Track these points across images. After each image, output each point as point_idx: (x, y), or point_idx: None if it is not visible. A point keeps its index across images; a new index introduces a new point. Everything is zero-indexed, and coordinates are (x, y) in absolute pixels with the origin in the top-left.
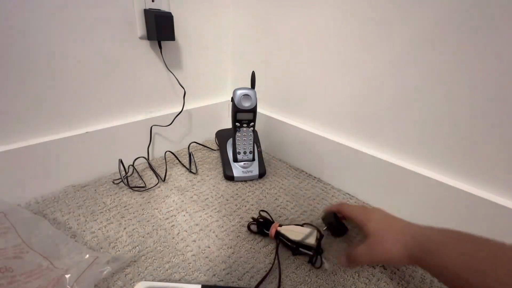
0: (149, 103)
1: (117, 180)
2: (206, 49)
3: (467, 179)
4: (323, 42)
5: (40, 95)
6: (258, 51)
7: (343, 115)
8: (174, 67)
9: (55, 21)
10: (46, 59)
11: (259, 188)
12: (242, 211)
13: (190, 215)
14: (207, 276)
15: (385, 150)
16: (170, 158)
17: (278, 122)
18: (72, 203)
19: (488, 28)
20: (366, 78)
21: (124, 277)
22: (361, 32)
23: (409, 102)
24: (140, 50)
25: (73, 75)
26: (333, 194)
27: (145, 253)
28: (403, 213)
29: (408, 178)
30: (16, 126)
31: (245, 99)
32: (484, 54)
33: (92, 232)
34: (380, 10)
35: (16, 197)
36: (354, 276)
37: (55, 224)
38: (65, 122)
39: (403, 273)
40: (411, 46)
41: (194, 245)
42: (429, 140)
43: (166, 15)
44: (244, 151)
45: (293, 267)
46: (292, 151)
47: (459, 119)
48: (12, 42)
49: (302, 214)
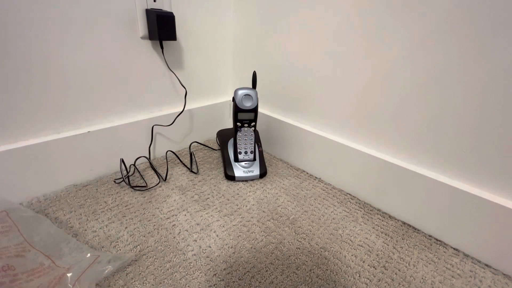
0: (151, 103)
1: (119, 179)
2: (207, 49)
3: (468, 179)
4: (324, 42)
5: (42, 95)
6: (260, 51)
7: (345, 115)
8: (175, 67)
9: (57, 21)
10: (48, 58)
11: (260, 188)
12: (243, 211)
13: (191, 215)
14: (208, 275)
15: (386, 150)
16: (171, 158)
17: (279, 122)
18: (74, 202)
19: (491, 28)
20: (367, 78)
21: (125, 276)
22: (362, 32)
23: (409, 102)
24: (142, 50)
25: (75, 75)
26: (334, 194)
27: (146, 252)
28: (404, 213)
29: (409, 179)
30: (18, 126)
31: (246, 99)
32: (485, 54)
33: (93, 231)
34: (381, 11)
35: (18, 196)
36: (355, 276)
37: (57, 223)
38: (67, 122)
39: (404, 273)
40: (411, 47)
41: (195, 245)
42: (430, 141)
43: (167, 15)
44: (245, 151)
45: (294, 267)
46: (293, 151)
47: (460, 119)
48: (13, 42)
49: (303, 214)
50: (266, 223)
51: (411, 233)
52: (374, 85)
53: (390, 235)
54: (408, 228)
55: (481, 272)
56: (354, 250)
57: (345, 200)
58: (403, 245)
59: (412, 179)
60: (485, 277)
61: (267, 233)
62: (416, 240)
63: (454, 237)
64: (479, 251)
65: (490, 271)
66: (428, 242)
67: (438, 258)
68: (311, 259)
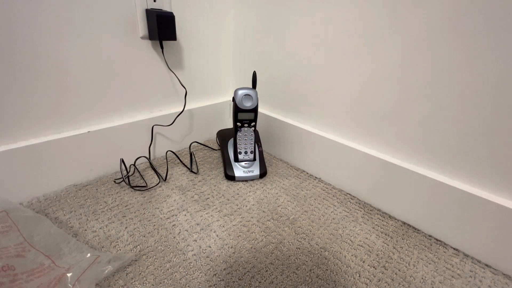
0: (151, 103)
1: (119, 179)
2: (207, 49)
3: (468, 179)
4: (325, 42)
5: (42, 95)
6: (260, 51)
7: (344, 115)
8: (175, 67)
9: (57, 21)
10: (48, 58)
11: (260, 188)
12: (243, 211)
13: (191, 215)
14: (208, 275)
15: (386, 150)
16: (171, 158)
17: (279, 122)
18: (74, 202)
19: (491, 27)
20: (367, 79)
21: (125, 276)
22: (362, 32)
23: (410, 102)
24: (142, 50)
25: (74, 75)
26: (334, 194)
27: (146, 252)
28: (405, 213)
29: (409, 178)
30: (18, 126)
31: (246, 99)
32: (482, 53)
33: (93, 231)
34: (381, 10)
35: (18, 196)
36: (355, 276)
37: (57, 223)
38: (67, 122)
39: (404, 273)
40: (410, 47)
41: (195, 245)
42: (430, 141)
43: (168, 15)
44: (245, 151)
45: (294, 267)
46: (293, 151)
47: (459, 118)
48: (14, 42)
49: (303, 214)
50: (266, 223)
51: (411, 233)
52: (374, 85)
53: (390, 235)
54: (408, 228)
55: (481, 272)
56: (354, 250)
57: (345, 200)
58: (403, 245)
59: (412, 179)
60: (485, 277)
61: (267, 233)
62: (416, 240)
63: (454, 237)
64: (479, 251)
65: (490, 271)
66: (428, 242)
67: (438, 258)
68: (311, 259)
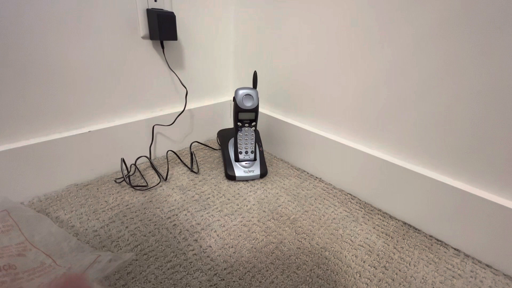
0: (151, 103)
1: (119, 179)
2: (208, 48)
3: (469, 179)
4: (325, 41)
5: (43, 95)
6: (260, 51)
7: (345, 115)
8: (176, 66)
9: (58, 21)
10: (49, 58)
11: (261, 188)
12: (243, 211)
13: (192, 214)
14: (208, 275)
15: (387, 150)
16: (172, 158)
17: (279, 122)
18: (75, 202)
19: (492, 28)
20: (368, 78)
21: (126, 275)
22: (363, 32)
23: (410, 102)
24: (143, 50)
25: (75, 75)
26: (335, 194)
27: (147, 252)
28: (405, 213)
29: (410, 179)
30: (19, 125)
31: (247, 99)
32: (487, 53)
33: (94, 231)
34: (381, 10)
35: (19, 195)
36: (356, 276)
37: (58, 223)
38: (68, 122)
39: (405, 273)
40: (413, 47)
41: (195, 244)
42: (431, 141)
43: (168, 14)
44: (245, 150)
45: (294, 267)
46: (293, 151)
47: (461, 119)
48: (14, 42)
49: (303, 214)
50: (267, 223)
51: (412, 233)
52: (375, 85)
53: (390, 235)
54: (409, 228)
55: (482, 272)
56: (354, 250)
57: (345, 200)
58: (404, 245)
59: (413, 179)
60: (486, 277)
61: (268, 233)
62: (417, 240)
63: (455, 237)
64: (480, 251)
65: (491, 272)
66: (429, 242)
67: (439, 259)
68: (311, 259)
